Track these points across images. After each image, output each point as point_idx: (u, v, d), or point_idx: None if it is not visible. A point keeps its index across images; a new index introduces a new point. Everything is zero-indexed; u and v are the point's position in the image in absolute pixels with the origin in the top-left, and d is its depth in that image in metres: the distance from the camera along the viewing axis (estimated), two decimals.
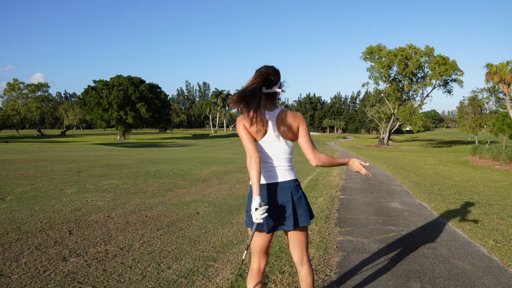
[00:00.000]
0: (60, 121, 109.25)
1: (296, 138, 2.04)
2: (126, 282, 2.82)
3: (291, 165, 2.09)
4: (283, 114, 2.00)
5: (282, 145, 2.02)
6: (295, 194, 2.04)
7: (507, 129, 18.88)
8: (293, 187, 2.04)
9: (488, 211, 5.62)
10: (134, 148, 32.99)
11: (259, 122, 1.94)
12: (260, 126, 1.96)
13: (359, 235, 4.29)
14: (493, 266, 3.29)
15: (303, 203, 2.06)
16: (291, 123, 1.99)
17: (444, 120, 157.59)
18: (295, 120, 2.01)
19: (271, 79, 1.97)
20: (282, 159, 2.04)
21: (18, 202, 5.67)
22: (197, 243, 3.81)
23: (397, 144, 54.37)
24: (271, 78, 1.98)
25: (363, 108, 73.76)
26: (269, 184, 2.03)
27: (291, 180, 2.05)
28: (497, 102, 36.34)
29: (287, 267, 3.21)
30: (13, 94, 65.80)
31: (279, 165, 2.04)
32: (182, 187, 7.62)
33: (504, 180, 9.83)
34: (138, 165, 12.33)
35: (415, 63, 40.37)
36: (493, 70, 20.96)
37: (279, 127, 1.99)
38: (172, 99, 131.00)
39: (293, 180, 2.06)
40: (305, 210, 2.05)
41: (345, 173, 11.39)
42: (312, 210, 2.23)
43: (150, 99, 60.62)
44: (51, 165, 11.65)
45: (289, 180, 2.05)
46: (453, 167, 14.78)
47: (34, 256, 3.32)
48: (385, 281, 2.95)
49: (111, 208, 5.45)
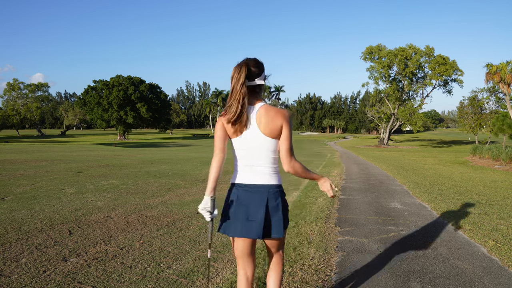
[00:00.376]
0: (60, 121, 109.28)
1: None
2: (126, 282, 2.82)
3: (275, 167, 1.90)
4: (265, 110, 1.84)
5: (264, 144, 1.84)
6: (272, 202, 1.85)
7: (507, 129, 18.88)
8: (271, 193, 1.85)
9: (488, 211, 5.62)
10: (134, 148, 32.99)
11: (238, 118, 1.82)
12: (239, 122, 1.83)
13: (359, 235, 4.29)
14: (493, 266, 3.29)
15: (279, 213, 1.86)
16: (273, 120, 1.82)
17: (444, 120, 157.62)
18: (279, 118, 1.83)
19: (251, 70, 1.84)
20: (264, 159, 1.86)
21: (18, 202, 5.67)
22: (197, 243, 3.81)
23: (397, 144, 54.36)
24: (252, 69, 1.84)
25: (363, 108, 73.76)
26: (244, 185, 1.88)
27: (272, 184, 1.87)
28: (497, 102, 36.35)
29: (287, 267, 3.21)
30: (13, 94, 65.83)
31: (260, 166, 1.87)
32: (182, 187, 7.62)
33: (504, 180, 9.83)
34: (138, 165, 12.33)
35: (415, 63, 40.35)
36: (493, 70, 20.97)
37: (259, 124, 1.83)
38: (172, 99, 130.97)
39: (274, 185, 1.87)
40: (279, 221, 1.86)
41: (345, 173, 11.39)
42: (289, 219, 2.05)
43: (150, 99, 60.62)
44: (51, 165, 11.65)
45: (269, 184, 1.86)
46: (453, 167, 14.78)
47: (34, 256, 3.32)
48: (385, 281, 2.95)
49: (111, 208, 5.45)
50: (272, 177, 1.88)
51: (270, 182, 1.87)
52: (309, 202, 6.27)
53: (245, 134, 1.85)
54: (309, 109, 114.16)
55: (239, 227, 1.85)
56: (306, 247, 3.77)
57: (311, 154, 25.56)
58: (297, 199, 6.50)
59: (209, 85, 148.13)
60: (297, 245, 3.81)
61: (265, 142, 1.84)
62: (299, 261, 3.36)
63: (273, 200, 1.85)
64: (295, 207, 5.83)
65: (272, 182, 1.87)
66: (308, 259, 3.41)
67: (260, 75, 1.87)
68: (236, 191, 1.90)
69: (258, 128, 1.83)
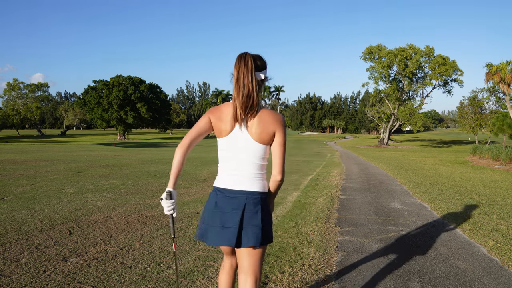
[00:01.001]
0: (60, 121, 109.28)
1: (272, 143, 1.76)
2: (126, 282, 2.82)
3: (261, 173, 1.77)
4: (260, 112, 1.72)
5: (251, 148, 1.72)
6: (250, 209, 1.72)
7: (507, 129, 18.88)
8: (250, 199, 1.73)
9: (488, 211, 5.62)
10: (134, 148, 32.99)
11: (250, 111, 1.70)
12: (227, 120, 1.73)
13: (359, 235, 4.29)
14: (493, 266, 3.29)
15: (256, 223, 1.71)
16: (266, 125, 1.71)
17: (444, 120, 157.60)
18: (272, 122, 1.72)
19: (257, 64, 1.73)
20: (249, 164, 1.74)
21: (18, 202, 5.67)
22: (197, 243, 3.81)
23: (397, 144, 54.35)
24: (257, 62, 1.73)
25: (363, 108, 73.77)
26: (224, 190, 1.77)
27: (253, 191, 1.74)
28: (497, 102, 36.36)
29: (287, 267, 3.21)
30: (13, 94, 65.86)
31: (245, 170, 1.74)
32: (182, 187, 7.62)
33: (504, 180, 9.83)
34: (138, 165, 12.33)
35: (415, 63, 40.35)
36: (493, 70, 20.97)
37: (251, 126, 1.71)
38: (172, 99, 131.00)
39: (255, 192, 1.74)
40: (256, 228, 1.71)
41: (345, 173, 11.39)
42: (273, 234, 1.86)
43: (150, 99, 60.64)
44: (51, 165, 11.65)
45: (249, 191, 1.74)
46: (453, 167, 14.78)
47: (34, 256, 3.32)
48: (385, 281, 2.95)
49: (111, 208, 5.45)
50: (254, 183, 1.75)
51: (252, 188, 1.74)
52: (309, 202, 6.27)
53: (233, 135, 1.74)
54: (309, 109, 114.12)
55: (215, 234, 1.73)
56: (306, 247, 3.77)
57: (311, 154, 25.56)
58: (297, 199, 6.50)
59: (209, 85, 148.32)
60: (297, 245, 3.81)
61: (253, 147, 1.72)
62: (299, 261, 3.36)
63: (251, 206, 1.72)
64: (295, 207, 5.83)
65: (254, 189, 1.74)
66: (308, 259, 3.41)
67: (263, 69, 1.77)
68: (215, 196, 1.79)
69: (248, 131, 1.72)
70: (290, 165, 14.76)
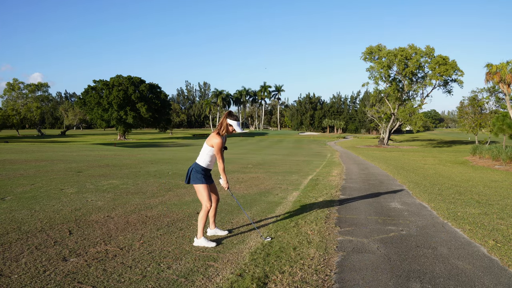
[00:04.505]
0: (60, 121, 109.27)
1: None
2: (126, 282, 2.82)
3: (206, 160, 4.00)
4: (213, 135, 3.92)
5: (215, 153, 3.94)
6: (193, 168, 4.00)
7: (507, 129, 18.89)
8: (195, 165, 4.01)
9: (488, 211, 5.62)
10: (134, 148, 32.98)
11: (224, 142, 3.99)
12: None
13: (359, 235, 4.29)
14: (493, 266, 3.29)
15: (192, 174, 3.95)
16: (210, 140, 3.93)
17: (444, 120, 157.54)
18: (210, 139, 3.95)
19: (236, 116, 4.00)
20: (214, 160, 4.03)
21: (18, 202, 5.67)
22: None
23: (397, 144, 54.36)
24: (236, 115, 3.99)
25: (363, 108, 73.71)
26: (208, 169, 4.00)
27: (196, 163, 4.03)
28: (497, 102, 36.38)
29: (287, 267, 3.21)
30: (13, 94, 65.88)
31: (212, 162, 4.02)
32: (182, 187, 7.62)
33: (504, 180, 9.83)
34: (138, 165, 12.33)
35: (415, 63, 40.35)
36: (493, 70, 20.98)
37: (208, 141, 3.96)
38: (172, 99, 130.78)
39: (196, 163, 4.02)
40: (191, 176, 3.94)
41: (345, 173, 11.39)
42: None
43: (150, 99, 60.64)
44: (51, 165, 11.65)
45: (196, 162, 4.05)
46: (453, 167, 14.78)
47: (34, 256, 3.32)
48: (385, 281, 2.95)
49: (111, 208, 5.45)
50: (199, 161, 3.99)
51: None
52: (309, 202, 6.27)
53: (222, 150, 3.95)
54: (309, 109, 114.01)
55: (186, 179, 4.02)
56: (306, 247, 3.77)
57: (311, 154, 25.58)
58: (297, 199, 6.51)
59: (209, 85, 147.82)
60: (297, 245, 3.81)
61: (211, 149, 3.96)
62: (299, 261, 3.36)
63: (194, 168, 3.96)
64: (295, 207, 5.84)
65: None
66: (308, 259, 3.41)
67: (235, 120, 3.93)
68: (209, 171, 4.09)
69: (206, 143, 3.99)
70: (290, 165, 14.77)
